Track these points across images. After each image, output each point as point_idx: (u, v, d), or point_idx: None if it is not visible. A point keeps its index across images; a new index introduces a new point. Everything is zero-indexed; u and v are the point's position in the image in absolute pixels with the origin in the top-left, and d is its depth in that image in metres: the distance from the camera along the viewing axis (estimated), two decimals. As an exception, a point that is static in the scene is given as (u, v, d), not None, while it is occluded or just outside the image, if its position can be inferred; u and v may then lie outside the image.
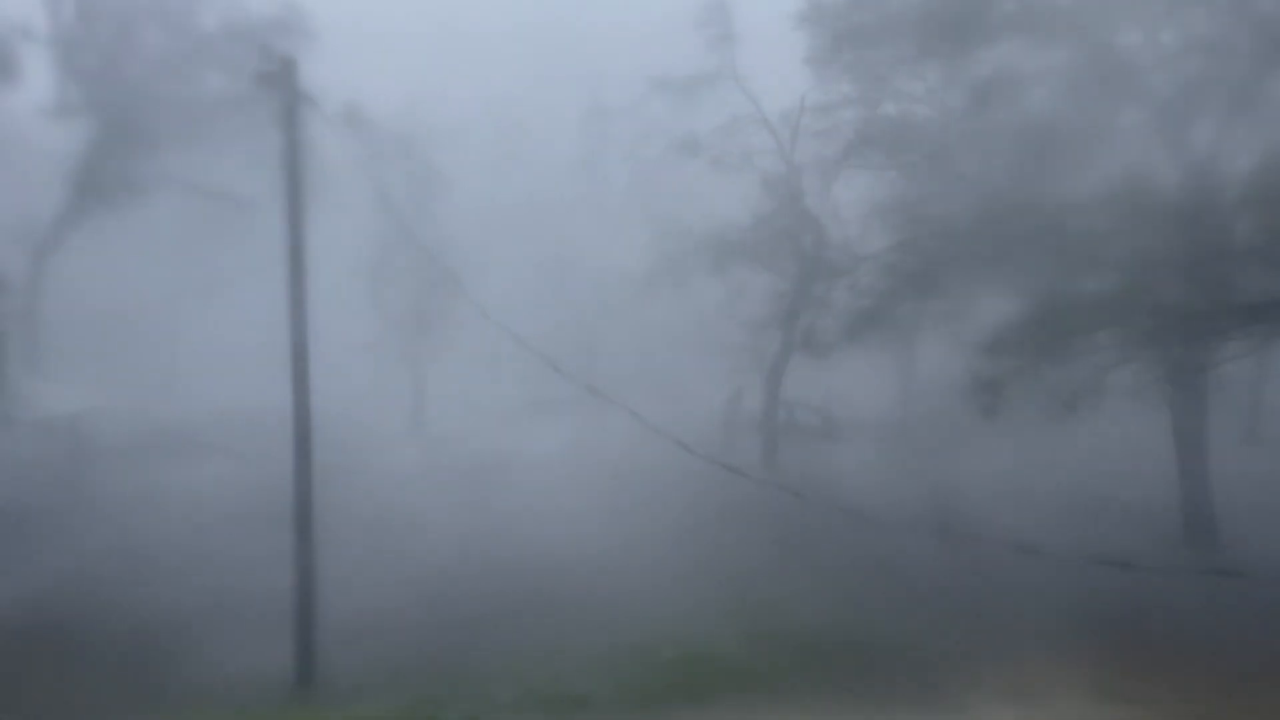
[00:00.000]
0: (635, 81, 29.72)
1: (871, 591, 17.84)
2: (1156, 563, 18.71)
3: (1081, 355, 19.17)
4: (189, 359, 38.47)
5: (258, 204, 24.65)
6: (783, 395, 29.14)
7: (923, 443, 29.18)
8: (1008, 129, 21.63)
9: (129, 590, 17.88)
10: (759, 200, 28.19)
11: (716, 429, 31.23)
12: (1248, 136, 20.11)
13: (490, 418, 36.35)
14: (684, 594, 17.73)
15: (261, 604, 15.93)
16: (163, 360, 38.87)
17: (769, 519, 22.61)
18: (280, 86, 13.35)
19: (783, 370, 28.67)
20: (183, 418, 32.71)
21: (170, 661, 14.83)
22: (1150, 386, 20.15)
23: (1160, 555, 19.21)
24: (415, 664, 14.65)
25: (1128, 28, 20.72)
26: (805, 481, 26.51)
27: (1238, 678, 13.89)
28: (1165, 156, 20.56)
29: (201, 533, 21.48)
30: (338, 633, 14.40)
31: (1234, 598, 16.66)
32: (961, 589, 17.73)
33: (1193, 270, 18.69)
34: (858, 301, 25.36)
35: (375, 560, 19.41)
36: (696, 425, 31.43)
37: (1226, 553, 19.45)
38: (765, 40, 27.89)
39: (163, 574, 18.75)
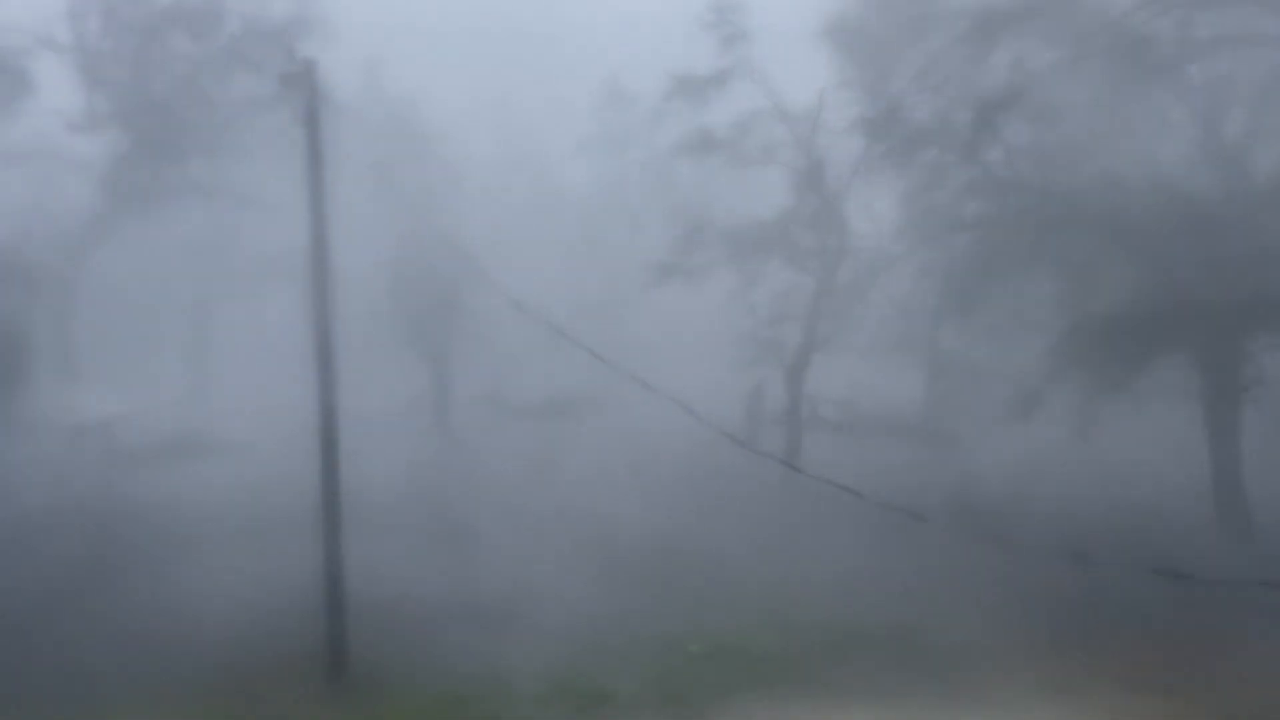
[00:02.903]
0: (651, 77, 29.67)
1: (902, 588, 17.77)
2: (1189, 556, 18.59)
3: (1117, 354, 19.01)
4: (218, 361, 38.89)
5: (283, 205, 24.87)
6: (806, 389, 29.05)
7: (949, 437, 28.96)
8: (1037, 125, 21.50)
9: (156, 587, 18.11)
10: (780, 194, 28.11)
11: (739, 423, 31.15)
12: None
13: (512, 415, 36.45)
14: (713, 589, 17.75)
15: (291, 602, 16.05)
16: (193, 363, 39.32)
17: (789, 511, 22.60)
18: (302, 87, 13.47)
19: (805, 364, 28.58)
20: (212, 420, 33.11)
21: (199, 658, 14.97)
22: (1185, 382, 19.99)
23: (1193, 549, 19.02)
24: (443, 659, 14.73)
25: (1162, 20, 20.44)
26: (829, 475, 26.43)
27: (1268, 671, 13.71)
28: (1201, 153, 20.33)
29: (227, 531, 21.68)
30: (367, 628, 14.48)
31: (1267, 592, 16.47)
32: (991, 584, 17.62)
33: (1228, 267, 18.46)
34: (883, 299, 25.31)
35: (401, 556, 19.52)
36: (719, 419, 31.42)
37: (1259, 546, 19.18)
38: (782, 34, 27.77)
39: (191, 572, 18.96)
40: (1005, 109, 20.52)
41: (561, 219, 41.59)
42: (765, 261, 27.93)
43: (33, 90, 27.23)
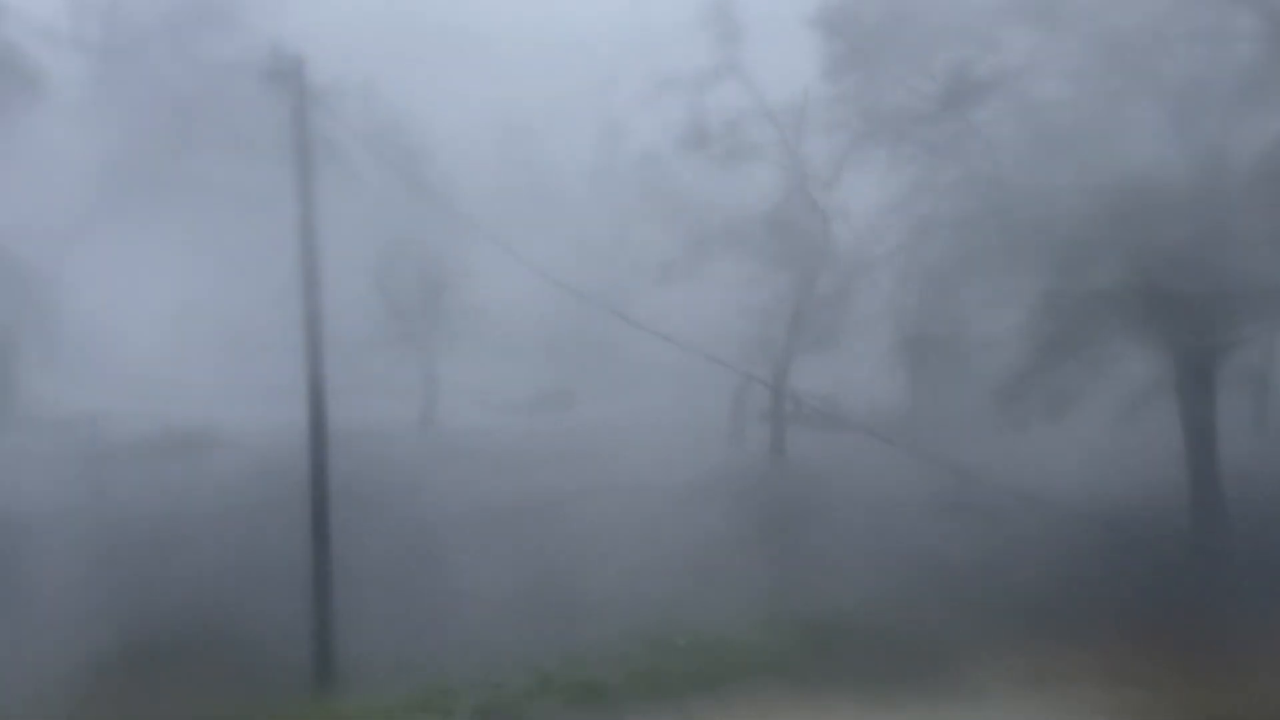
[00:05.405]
0: (639, 77, 29.78)
1: (885, 577, 17.97)
2: (1166, 550, 18.89)
3: (1089, 346, 19.23)
4: (205, 355, 38.74)
5: (272, 201, 24.83)
6: (790, 385, 29.28)
7: (931, 432, 29.19)
8: (1014, 119, 21.68)
9: (142, 585, 18.12)
10: (766, 193, 28.31)
11: (725, 418, 31.34)
12: (1256, 123, 20.09)
13: (501, 410, 36.49)
14: (700, 585, 17.93)
15: (276, 598, 16.11)
16: (178, 357, 39.16)
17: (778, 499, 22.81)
18: (290, 84, 13.54)
19: (790, 360, 28.81)
20: (200, 414, 32.98)
21: (183, 657, 15.01)
22: (1158, 376, 20.19)
23: (1169, 543, 19.30)
24: (431, 655, 14.84)
25: (1135, 15, 20.65)
26: (812, 468, 26.83)
27: (1246, 663, 13.96)
28: (1172, 144, 20.51)
29: (212, 527, 21.68)
30: (355, 625, 14.57)
31: (1244, 583, 16.80)
32: (975, 574, 17.88)
33: (1200, 258, 18.71)
34: (866, 295, 25.49)
35: (389, 553, 19.60)
36: (705, 414, 31.65)
37: (1236, 540, 19.44)
38: (771, 34, 27.86)
39: (176, 568, 18.98)
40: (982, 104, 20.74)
41: (551, 218, 41.59)
42: (752, 259, 28.15)
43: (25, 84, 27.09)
